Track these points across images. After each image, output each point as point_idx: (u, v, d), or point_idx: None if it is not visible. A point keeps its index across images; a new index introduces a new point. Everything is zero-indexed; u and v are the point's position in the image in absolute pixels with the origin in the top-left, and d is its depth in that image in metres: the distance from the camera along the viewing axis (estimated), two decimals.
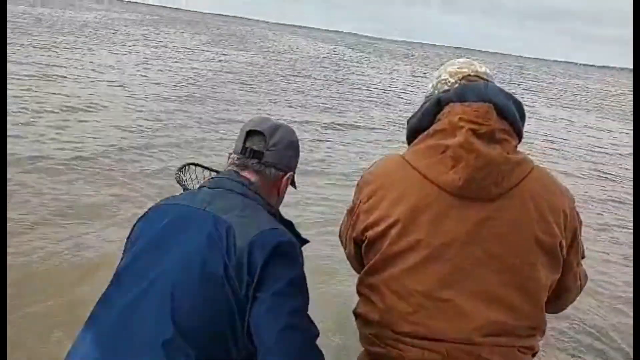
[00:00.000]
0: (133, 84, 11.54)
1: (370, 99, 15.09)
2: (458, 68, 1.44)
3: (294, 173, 1.62)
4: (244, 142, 1.52)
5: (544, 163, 8.98)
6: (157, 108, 9.17)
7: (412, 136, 1.41)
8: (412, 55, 52.75)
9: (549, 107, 19.95)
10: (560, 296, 1.41)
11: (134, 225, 1.46)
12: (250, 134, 1.52)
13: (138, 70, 13.80)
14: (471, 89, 1.35)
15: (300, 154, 1.65)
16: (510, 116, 1.32)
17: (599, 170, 9.53)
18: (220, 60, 20.05)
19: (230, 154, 1.57)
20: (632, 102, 29.15)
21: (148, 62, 15.78)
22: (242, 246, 1.25)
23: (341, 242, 1.61)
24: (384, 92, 17.17)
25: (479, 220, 1.25)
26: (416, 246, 1.27)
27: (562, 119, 16.80)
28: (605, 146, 12.49)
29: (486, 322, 1.24)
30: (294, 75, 18.25)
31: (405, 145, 1.46)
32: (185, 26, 46.72)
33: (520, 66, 70.07)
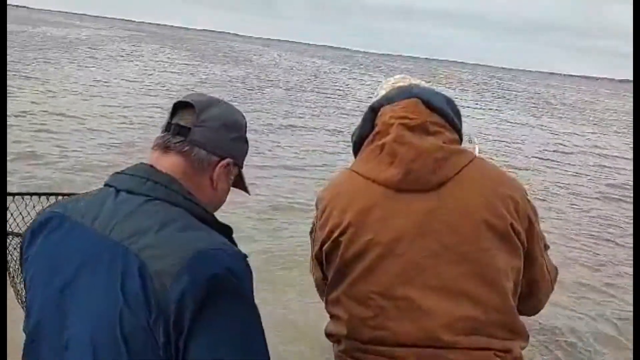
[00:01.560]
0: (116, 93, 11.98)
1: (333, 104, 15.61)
2: (393, 82, 1.47)
3: (240, 166, 1.25)
4: (170, 118, 1.19)
5: (501, 159, 9.58)
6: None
7: (357, 149, 1.41)
8: (395, 68, 53.70)
9: (515, 113, 20.57)
10: (531, 292, 1.35)
11: (24, 253, 1.11)
12: (178, 107, 1.19)
13: (116, 84, 14.31)
14: (398, 91, 1.38)
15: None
16: (439, 109, 1.33)
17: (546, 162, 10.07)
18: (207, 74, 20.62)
19: None
20: (596, 108, 30.03)
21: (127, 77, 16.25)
22: (161, 291, 0.91)
23: (310, 270, 1.54)
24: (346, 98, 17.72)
25: (425, 211, 1.23)
26: (368, 247, 1.25)
27: (528, 123, 17.38)
28: (564, 144, 13.09)
29: (452, 318, 1.19)
30: (270, 87, 18.87)
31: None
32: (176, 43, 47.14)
33: (500, 77, 71.52)
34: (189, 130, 1.13)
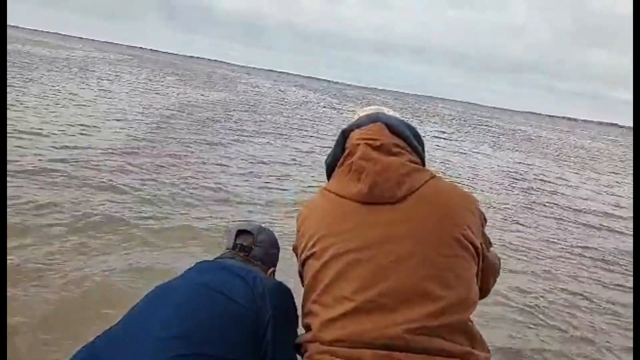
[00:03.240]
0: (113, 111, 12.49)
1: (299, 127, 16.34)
2: (368, 112, 1.58)
3: (275, 271, 1.79)
4: (235, 240, 1.72)
5: (466, 183, 10.38)
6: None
7: (330, 170, 1.53)
8: (375, 100, 55.00)
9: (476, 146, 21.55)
10: (483, 286, 1.45)
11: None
12: (240, 232, 1.74)
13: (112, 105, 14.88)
14: (366, 117, 1.51)
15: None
16: (401, 133, 1.45)
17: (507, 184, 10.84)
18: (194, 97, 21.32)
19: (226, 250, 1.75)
20: (560, 145, 31.27)
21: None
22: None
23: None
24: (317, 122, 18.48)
25: (392, 220, 1.30)
26: (338, 255, 1.31)
27: (487, 154, 18.40)
28: (520, 172, 13.98)
29: (412, 320, 1.21)
30: (245, 111, 19.61)
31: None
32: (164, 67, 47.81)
33: (479, 114, 73.48)
34: (251, 249, 1.71)
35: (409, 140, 1.46)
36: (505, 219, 8.12)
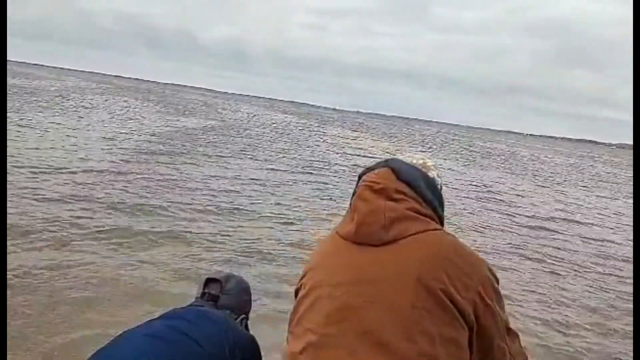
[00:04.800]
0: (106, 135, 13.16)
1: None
2: (391, 158, 1.54)
3: (247, 318, 1.81)
4: (203, 289, 1.76)
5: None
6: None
7: None
8: (353, 123, 56.07)
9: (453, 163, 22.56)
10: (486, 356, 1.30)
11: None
12: (208, 281, 1.77)
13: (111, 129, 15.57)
14: (379, 162, 1.48)
15: None
16: (409, 181, 1.38)
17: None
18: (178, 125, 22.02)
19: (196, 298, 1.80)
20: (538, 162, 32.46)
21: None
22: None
23: None
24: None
25: (369, 261, 1.29)
26: (314, 288, 1.33)
27: (461, 171, 19.43)
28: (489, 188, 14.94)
29: None
30: (222, 134, 20.47)
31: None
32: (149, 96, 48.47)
33: (459, 134, 75.13)
34: (218, 297, 1.74)
35: (419, 190, 1.39)
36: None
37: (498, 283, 1.33)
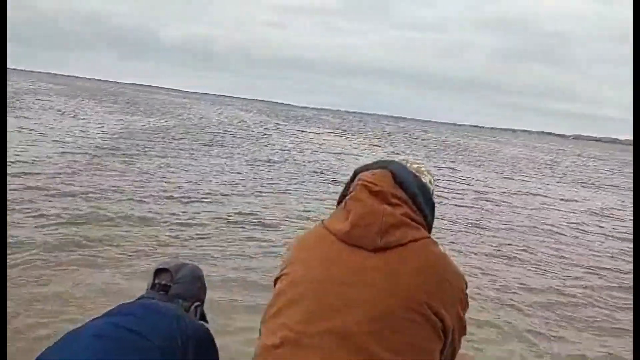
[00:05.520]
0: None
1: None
2: (386, 159, 1.52)
3: (202, 304, 1.81)
4: (154, 279, 1.73)
5: None
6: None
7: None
8: (325, 121, 56.50)
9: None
10: None
11: None
12: (158, 271, 1.74)
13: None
14: (378, 162, 1.45)
15: None
16: (406, 187, 1.37)
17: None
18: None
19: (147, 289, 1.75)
20: (493, 154, 33.67)
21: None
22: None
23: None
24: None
25: (360, 266, 1.26)
26: (298, 282, 1.29)
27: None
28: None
29: None
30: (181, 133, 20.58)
31: None
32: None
33: (425, 129, 76.60)
34: (169, 287, 1.71)
35: (415, 197, 1.38)
36: None
37: None
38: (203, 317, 1.85)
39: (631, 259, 7.84)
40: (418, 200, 1.38)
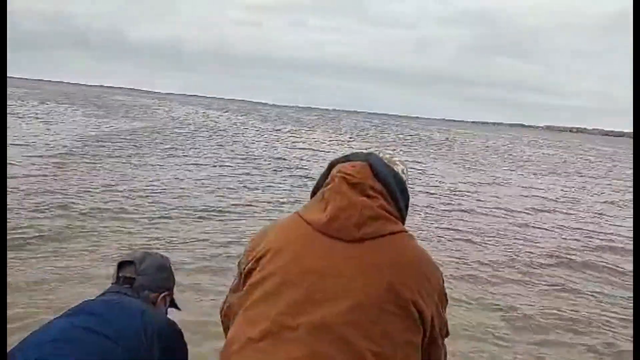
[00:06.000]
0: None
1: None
2: (363, 152, 1.51)
3: (172, 293, 1.77)
4: (117, 272, 1.68)
5: None
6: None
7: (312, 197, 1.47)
8: (298, 119, 56.47)
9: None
10: None
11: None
12: (121, 264, 1.68)
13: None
14: (356, 154, 1.45)
15: None
16: (384, 179, 1.37)
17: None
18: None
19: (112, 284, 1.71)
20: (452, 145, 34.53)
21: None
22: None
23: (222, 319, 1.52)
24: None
25: (339, 258, 1.26)
26: (277, 272, 1.28)
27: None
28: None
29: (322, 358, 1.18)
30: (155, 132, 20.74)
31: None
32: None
33: (395, 123, 77.34)
34: (134, 279, 1.66)
35: (391, 190, 1.38)
36: None
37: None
38: (174, 305, 1.84)
39: (571, 236, 8.75)
40: (394, 193, 1.39)
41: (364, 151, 1.51)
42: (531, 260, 6.97)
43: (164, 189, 9.54)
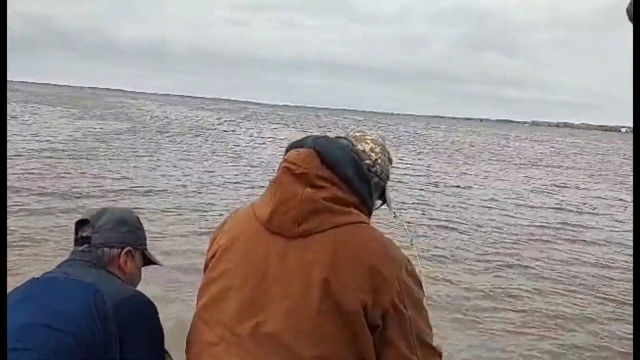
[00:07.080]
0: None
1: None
2: (317, 135, 1.38)
3: (141, 248, 1.60)
4: (76, 233, 1.55)
5: None
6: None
7: None
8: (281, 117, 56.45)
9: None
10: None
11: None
12: (79, 223, 1.55)
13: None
14: (308, 139, 1.33)
15: None
16: (335, 166, 1.25)
17: None
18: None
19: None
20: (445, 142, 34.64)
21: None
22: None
23: None
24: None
25: (279, 256, 1.20)
26: (226, 273, 1.25)
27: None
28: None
29: None
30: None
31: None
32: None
33: (378, 120, 77.66)
34: (90, 238, 1.51)
35: (345, 176, 1.26)
36: None
37: (421, 287, 1.26)
38: (151, 262, 1.65)
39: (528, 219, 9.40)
40: (349, 178, 1.27)
41: (319, 134, 1.41)
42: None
43: (146, 187, 9.54)
